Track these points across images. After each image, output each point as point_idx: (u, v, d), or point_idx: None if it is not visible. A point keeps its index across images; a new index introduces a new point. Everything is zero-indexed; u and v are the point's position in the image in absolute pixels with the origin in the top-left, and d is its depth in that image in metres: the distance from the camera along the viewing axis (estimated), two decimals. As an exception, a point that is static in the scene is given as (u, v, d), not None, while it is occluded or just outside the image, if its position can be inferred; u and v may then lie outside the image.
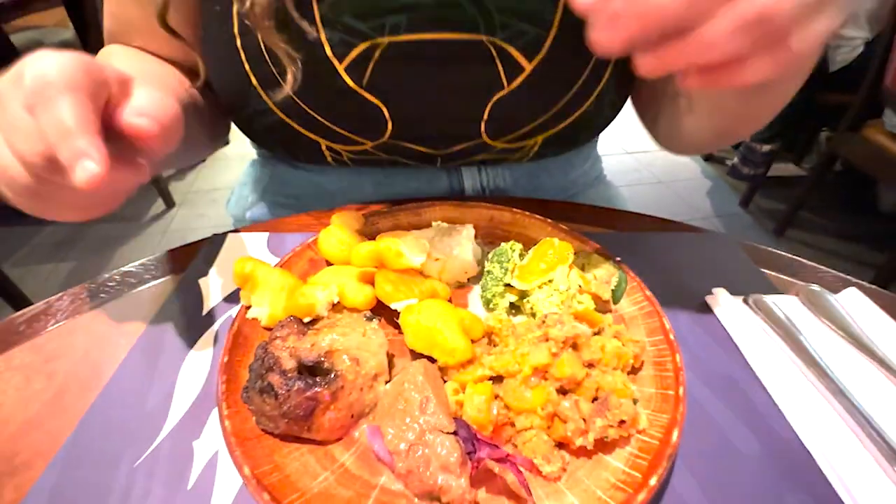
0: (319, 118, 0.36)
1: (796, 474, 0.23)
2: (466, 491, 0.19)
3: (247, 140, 0.49)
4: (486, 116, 0.36)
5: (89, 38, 2.10)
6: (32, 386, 0.27)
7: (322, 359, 0.23)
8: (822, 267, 0.36)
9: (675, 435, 0.21)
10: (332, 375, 0.22)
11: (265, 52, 0.32)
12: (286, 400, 0.21)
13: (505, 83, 0.34)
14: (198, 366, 0.28)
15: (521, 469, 0.19)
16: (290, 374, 0.22)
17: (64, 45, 2.24)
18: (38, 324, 0.31)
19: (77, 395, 0.26)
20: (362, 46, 0.32)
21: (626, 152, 2.30)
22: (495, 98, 0.35)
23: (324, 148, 0.40)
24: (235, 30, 0.33)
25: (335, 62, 0.32)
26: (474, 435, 0.20)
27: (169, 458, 0.23)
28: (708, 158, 2.30)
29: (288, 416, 0.21)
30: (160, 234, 1.81)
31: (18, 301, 1.34)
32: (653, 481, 0.19)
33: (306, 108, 0.35)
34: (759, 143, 1.82)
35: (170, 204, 1.95)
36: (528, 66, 0.34)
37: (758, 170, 1.85)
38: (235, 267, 0.28)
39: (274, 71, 0.33)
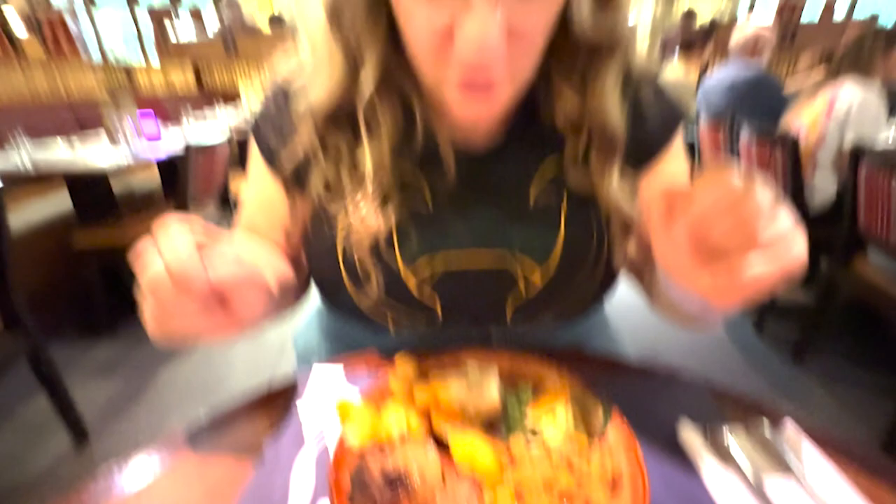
0: (391, 314, 0.52)
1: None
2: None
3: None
4: (509, 315, 0.52)
5: (170, 187, 2.52)
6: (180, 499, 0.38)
7: (401, 474, 0.34)
8: (767, 401, 0.47)
9: (642, 534, 0.31)
10: (409, 486, 0.33)
11: (358, 269, 0.49)
12: (381, 503, 0.32)
13: (523, 292, 0.50)
14: (306, 476, 0.39)
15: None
16: (381, 485, 0.33)
17: (149, 191, 2.68)
18: (176, 453, 0.42)
19: None
20: (425, 265, 0.49)
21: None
22: (517, 301, 0.51)
23: (390, 325, 0.55)
24: (339, 254, 0.50)
25: (405, 278, 0.49)
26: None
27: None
28: (716, 284, 2.40)
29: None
30: (204, 354, 1.94)
31: (71, 420, 1.44)
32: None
33: (382, 307, 0.51)
34: (759, 272, 1.95)
35: (214, 325, 2.10)
36: (541, 280, 0.50)
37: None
38: (338, 407, 0.41)
39: (362, 279, 0.49)
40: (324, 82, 0.45)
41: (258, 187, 0.56)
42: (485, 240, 0.49)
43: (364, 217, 0.47)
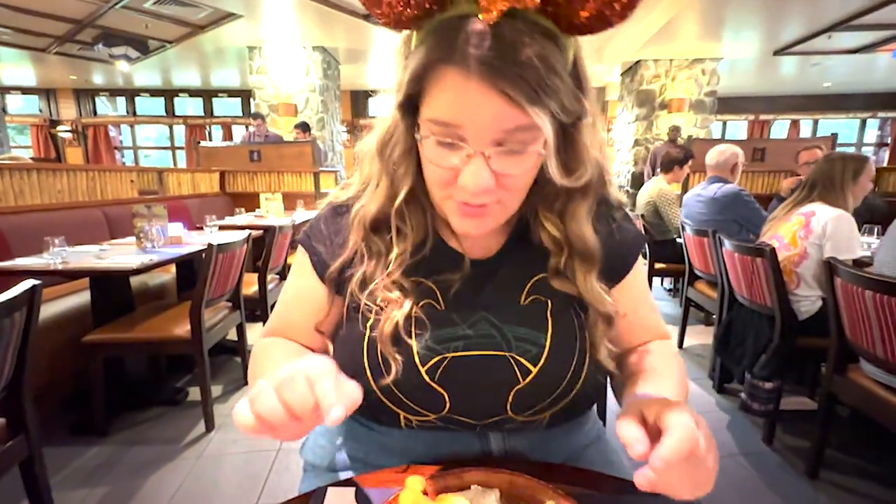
0: (404, 399, 0.58)
1: None
2: None
3: None
4: (510, 400, 0.58)
5: (183, 281, 2.64)
6: None
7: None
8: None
9: None
10: None
11: (379, 357, 0.57)
12: None
13: (521, 380, 0.58)
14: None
15: None
16: None
17: (162, 285, 2.79)
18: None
19: None
20: (437, 358, 0.57)
21: (639, 383, 2.40)
22: (515, 389, 0.58)
23: (401, 417, 0.61)
24: (365, 343, 0.59)
25: (420, 367, 0.57)
26: None
27: None
28: (721, 391, 2.38)
29: None
30: (195, 459, 1.88)
31: (52, 532, 1.36)
32: None
33: (397, 392, 0.58)
34: (760, 380, 1.95)
35: (210, 427, 2.06)
36: (534, 370, 0.58)
37: (767, 406, 1.93)
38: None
39: (382, 367, 0.57)
40: (372, 197, 0.60)
41: (301, 288, 0.66)
42: (486, 341, 0.58)
43: (388, 311, 0.58)
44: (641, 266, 0.68)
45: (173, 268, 2.79)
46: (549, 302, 0.60)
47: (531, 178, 0.53)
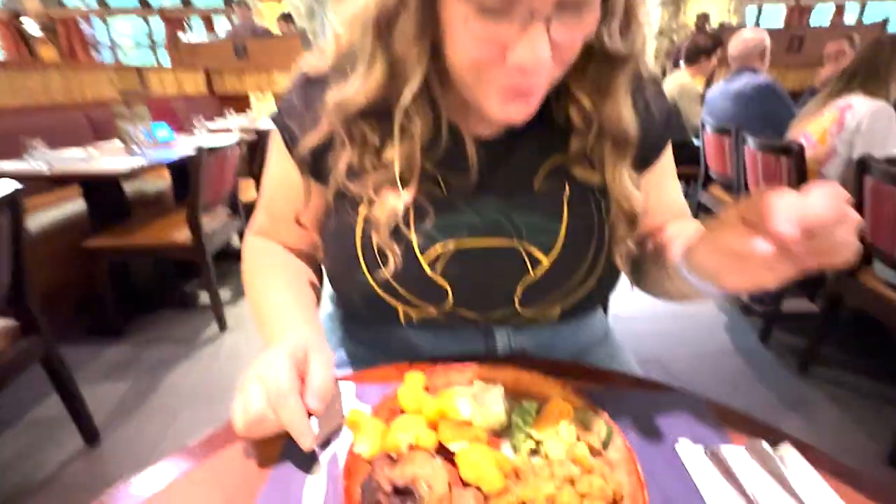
0: (404, 293, 0.54)
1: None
2: (504, 579, 0.30)
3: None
4: (518, 294, 0.54)
5: (180, 187, 2.57)
6: None
7: (409, 484, 0.36)
8: (768, 424, 0.48)
9: (641, 549, 0.32)
10: (417, 496, 0.35)
11: (375, 249, 0.52)
12: (388, 512, 0.34)
13: (531, 272, 0.53)
14: (317, 485, 0.40)
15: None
16: (390, 495, 0.35)
17: (159, 192, 2.72)
18: (198, 455, 0.45)
19: (238, 505, 0.39)
20: (439, 247, 0.52)
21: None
22: (524, 282, 0.53)
23: (400, 312, 0.57)
24: (357, 233, 0.53)
25: (421, 258, 0.52)
26: (508, 540, 0.32)
27: (305, 553, 0.35)
28: (721, 293, 2.39)
29: (388, 524, 0.34)
30: (210, 358, 1.97)
31: (82, 420, 1.47)
32: (624, 580, 0.30)
33: (396, 286, 0.53)
34: (765, 282, 1.95)
35: (223, 327, 2.14)
36: (546, 261, 0.53)
37: (768, 307, 1.95)
38: (349, 416, 0.43)
39: (379, 259, 0.52)
40: (361, 83, 0.47)
41: (277, 170, 0.60)
42: (494, 229, 0.52)
43: (384, 198, 0.50)
44: (670, 147, 0.60)
45: (168, 174, 2.71)
46: (567, 188, 0.53)
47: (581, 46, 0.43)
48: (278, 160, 0.59)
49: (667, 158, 0.59)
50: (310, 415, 0.42)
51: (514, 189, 0.53)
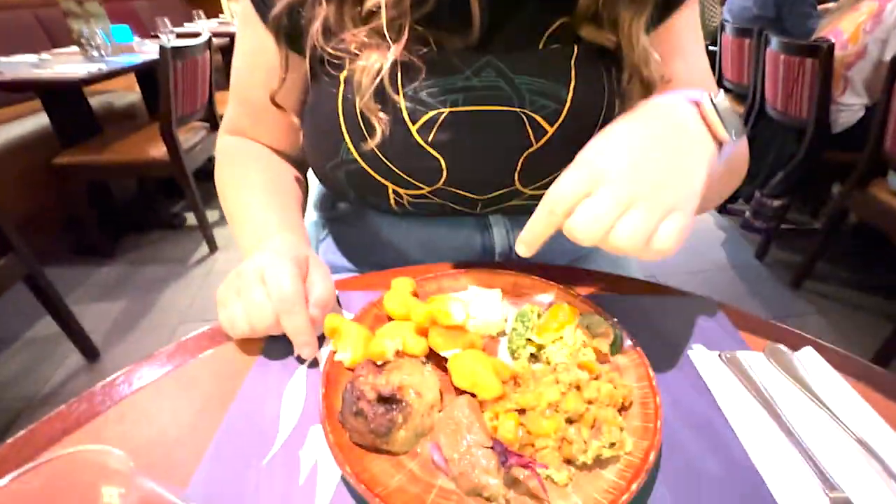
0: (392, 167, 0.47)
1: (749, 493, 0.30)
2: (501, 488, 0.27)
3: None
4: (518, 168, 0.48)
5: (152, 100, 2.37)
6: (178, 406, 0.37)
7: (395, 392, 0.32)
8: (786, 327, 0.44)
9: (652, 456, 0.29)
10: (404, 404, 0.31)
11: (359, 116, 0.45)
12: (373, 421, 0.30)
13: (533, 142, 0.47)
14: (295, 395, 0.37)
15: (539, 473, 0.28)
16: (373, 403, 0.31)
17: (130, 105, 2.53)
18: (177, 359, 0.41)
19: (212, 414, 0.36)
20: (430, 114, 0.45)
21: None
22: (526, 154, 0.47)
23: (390, 191, 0.50)
24: (339, 102, 0.46)
25: (410, 125, 0.45)
26: (506, 449, 0.29)
27: (283, 463, 0.32)
28: (721, 210, 2.36)
29: (373, 433, 0.30)
30: (203, 277, 1.95)
31: (78, 337, 1.47)
32: (633, 487, 0.27)
33: (384, 159, 0.47)
34: (770, 198, 1.89)
35: (213, 248, 2.10)
36: (551, 130, 0.46)
37: (769, 223, 1.91)
38: (326, 321, 0.38)
39: (364, 130, 0.45)
40: None
41: (249, 45, 0.52)
42: (493, 94, 0.45)
43: (367, 55, 0.43)
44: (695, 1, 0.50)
45: (137, 87, 2.48)
46: (575, 48, 0.46)
47: None
48: (249, 33, 0.51)
49: (690, 16, 0.50)
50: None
51: (516, 49, 0.46)
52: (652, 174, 0.31)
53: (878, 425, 0.34)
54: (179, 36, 2.60)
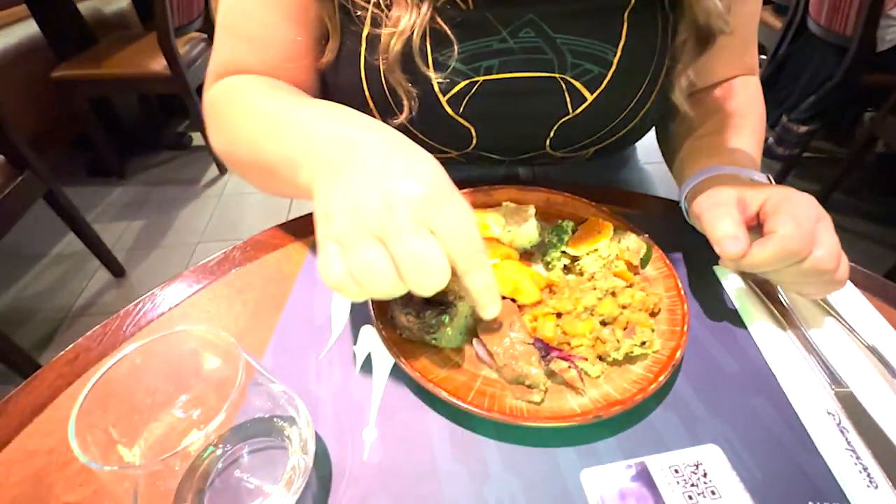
0: (420, 136, 0.46)
1: (761, 387, 0.33)
2: (542, 377, 0.30)
3: None
4: (551, 135, 0.46)
5: (142, 6, 2.22)
6: (234, 309, 0.40)
7: (440, 295, 0.34)
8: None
9: (678, 354, 0.32)
10: (449, 304, 0.34)
11: (385, 86, 0.42)
12: (424, 319, 0.33)
13: (570, 110, 0.44)
14: (343, 299, 0.40)
15: (577, 364, 0.31)
16: (420, 303, 0.34)
17: (120, 12, 2.37)
18: (227, 264, 0.43)
19: (266, 315, 0.39)
20: (462, 84, 0.42)
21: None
22: (561, 121, 0.45)
23: None
24: (362, 66, 0.42)
25: (440, 95, 0.42)
26: (546, 344, 0.32)
27: (339, 356, 0.35)
28: (744, 136, 2.26)
29: (424, 329, 0.33)
30: (216, 198, 1.96)
31: (103, 254, 1.53)
32: (661, 378, 0.30)
33: (411, 129, 0.44)
34: (797, 123, 1.81)
35: (223, 170, 2.09)
36: (590, 97, 0.43)
37: (793, 150, 1.85)
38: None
39: (391, 100, 0.42)
40: None
41: None
42: (531, 59, 0.41)
43: (394, 18, 0.39)
44: None
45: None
46: (629, 2, 0.40)
47: None
48: None
49: None
50: None
51: (561, 1, 0.40)
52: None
53: (889, 334, 0.36)
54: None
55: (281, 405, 0.26)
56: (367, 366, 0.35)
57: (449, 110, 0.43)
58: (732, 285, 0.41)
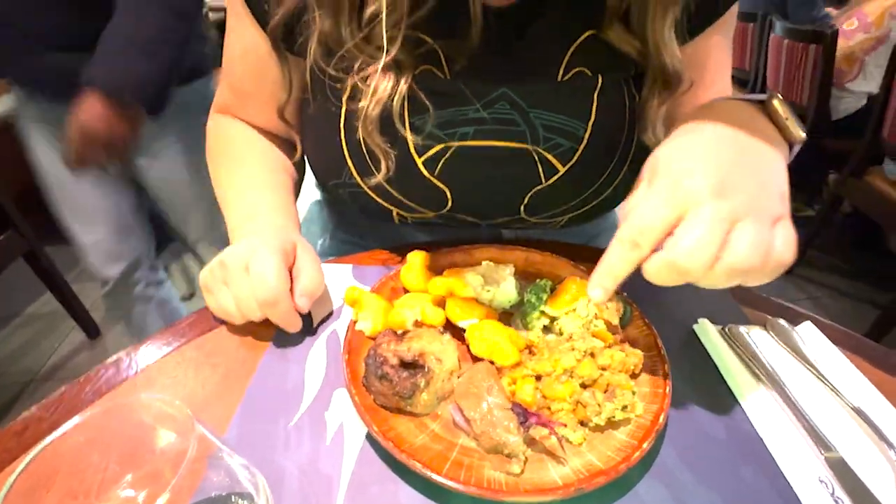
0: (396, 195, 0.47)
1: (749, 453, 0.32)
2: (521, 445, 0.29)
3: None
4: (525, 202, 0.48)
5: None
6: (202, 373, 0.38)
7: (417, 358, 0.33)
8: (786, 303, 0.46)
9: (661, 418, 0.31)
10: (426, 369, 0.33)
11: (363, 148, 0.43)
12: (398, 384, 0.31)
13: (543, 180, 0.45)
14: (317, 361, 0.38)
15: (558, 431, 0.29)
16: (397, 367, 0.33)
17: None
18: (199, 326, 0.42)
19: (235, 380, 0.37)
20: (438, 147, 0.43)
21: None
22: (534, 190, 0.46)
23: (394, 214, 0.51)
24: (342, 128, 0.44)
25: (416, 157, 0.44)
26: (525, 410, 0.30)
27: (309, 423, 0.33)
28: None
29: (398, 395, 0.31)
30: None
31: (79, 315, 1.48)
32: (644, 445, 0.29)
33: (389, 189, 0.46)
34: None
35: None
36: (562, 169, 0.45)
37: (766, 210, 1.93)
38: (347, 293, 0.40)
39: (369, 163, 0.44)
40: None
41: (242, 42, 0.49)
42: (505, 129, 0.44)
43: (371, 84, 0.40)
44: (732, 21, 0.47)
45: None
46: (598, 78, 0.43)
47: None
48: (238, 25, 0.48)
49: (719, 36, 0.47)
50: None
51: (532, 78, 0.43)
52: (746, 185, 0.28)
53: (873, 395, 0.36)
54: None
55: (240, 481, 0.24)
56: (339, 435, 0.33)
57: (424, 172, 0.45)
58: (713, 343, 0.40)
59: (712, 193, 0.27)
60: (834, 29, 1.56)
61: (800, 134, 0.35)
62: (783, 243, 0.28)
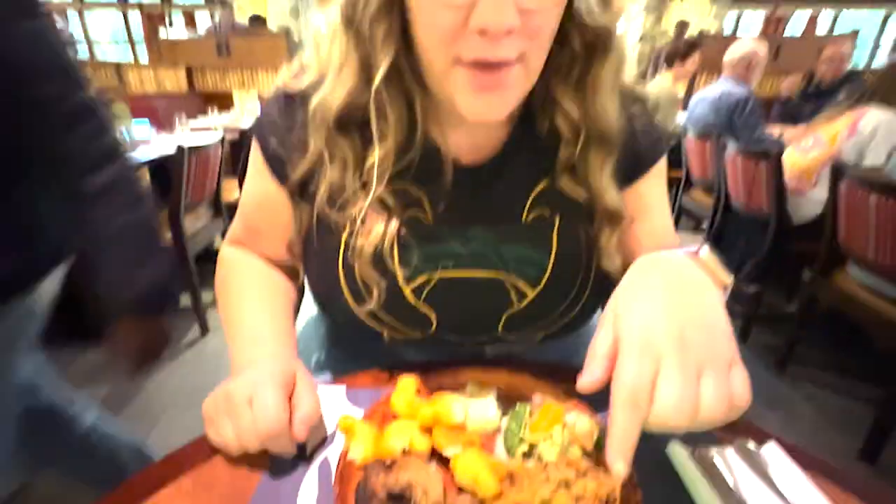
0: (387, 319, 0.54)
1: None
2: (501, 584, 0.30)
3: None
4: (502, 322, 0.54)
5: (161, 191, 2.50)
6: (197, 506, 0.39)
7: (404, 491, 0.36)
8: (754, 424, 0.49)
9: (635, 551, 0.33)
10: (412, 502, 0.35)
11: (358, 279, 0.51)
12: (386, 517, 0.33)
13: (515, 304, 0.53)
14: (310, 491, 0.40)
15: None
16: (385, 502, 0.35)
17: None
18: (193, 459, 0.44)
19: (228, 515, 0.38)
20: (423, 277, 0.51)
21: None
22: (508, 312, 0.53)
23: (384, 334, 0.57)
24: (340, 262, 0.52)
25: (404, 287, 0.51)
26: (505, 545, 0.32)
27: (298, 562, 0.34)
28: (702, 294, 2.43)
29: (386, 530, 0.33)
30: (194, 358, 1.93)
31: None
32: (619, 582, 0.31)
33: (380, 315, 0.53)
34: (745, 283, 2.00)
35: (205, 331, 2.10)
36: (532, 294, 0.52)
37: (747, 309, 2.00)
38: (340, 421, 0.42)
39: (363, 291, 0.51)
40: (339, 87, 0.47)
41: (260, 191, 0.57)
42: (480, 261, 0.52)
43: (367, 226, 0.49)
44: (662, 170, 0.58)
45: (147, 173, 2.64)
46: (556, 219, 0.53)
47: (557, 21, 0.42)
48: (257, 177, 0.57)
49: (654, 183, 0.57)
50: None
51: (500, 220, 0.52)
52: (699, 335, 0.32)
53: (836, 519, 0.38)
54: (194, 129, 2.83)
55: None
56: (326, 574, 0.34)
57: (411, 299, 0.52)
58: (685, 469, 0.43)
59: (675, 348, 0.31)
60: (780, 147, 1.77)
61: (726, 280, 0.42)
62: (740, 386, 0.31)
